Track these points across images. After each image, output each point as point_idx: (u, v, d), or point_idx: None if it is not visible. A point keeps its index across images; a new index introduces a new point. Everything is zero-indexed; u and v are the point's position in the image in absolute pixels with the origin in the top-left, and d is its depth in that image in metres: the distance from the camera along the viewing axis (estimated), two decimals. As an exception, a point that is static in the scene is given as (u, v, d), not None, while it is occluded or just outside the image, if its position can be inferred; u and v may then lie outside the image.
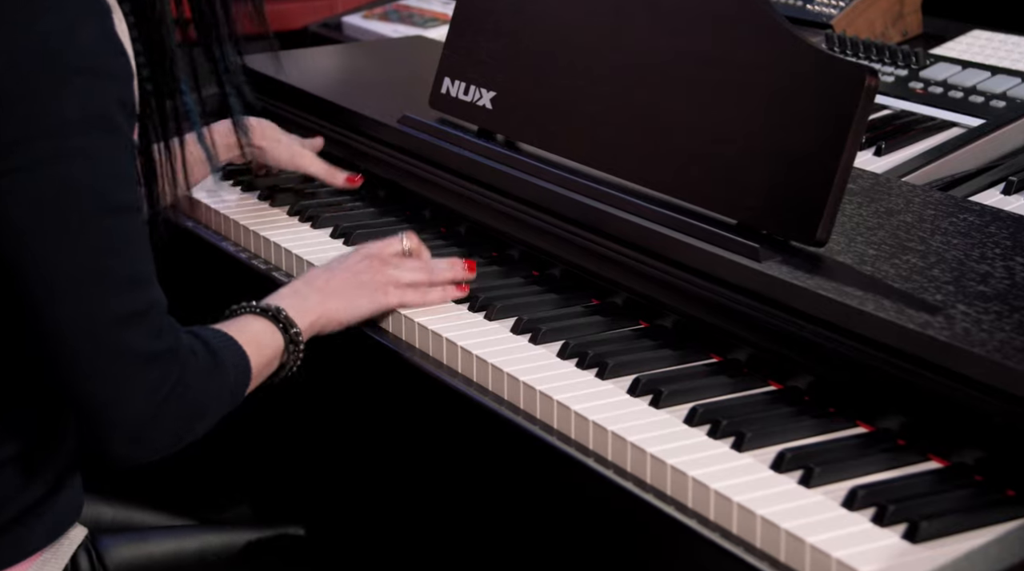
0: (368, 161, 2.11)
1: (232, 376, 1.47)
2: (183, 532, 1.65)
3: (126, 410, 1.33)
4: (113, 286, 1.31)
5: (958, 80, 2.11)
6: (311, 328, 1.63)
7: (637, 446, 1.37)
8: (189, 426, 1.40)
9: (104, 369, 1.31)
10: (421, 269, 1.71)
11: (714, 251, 1.55)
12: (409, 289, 1.70)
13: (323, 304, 1.65)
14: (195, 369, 1.40)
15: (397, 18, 2.95)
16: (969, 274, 1.46)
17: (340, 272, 1.69)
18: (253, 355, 1.53)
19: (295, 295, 1.65)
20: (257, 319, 1.59)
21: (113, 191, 1.31)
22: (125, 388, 1.32)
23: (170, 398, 1.35)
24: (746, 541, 1.26)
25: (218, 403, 1.44)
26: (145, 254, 1.36)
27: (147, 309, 1.34)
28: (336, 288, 1.67)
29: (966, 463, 1.31)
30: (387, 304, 1.69)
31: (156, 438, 1.36)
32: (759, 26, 1.60)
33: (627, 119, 1.73)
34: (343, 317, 1.67)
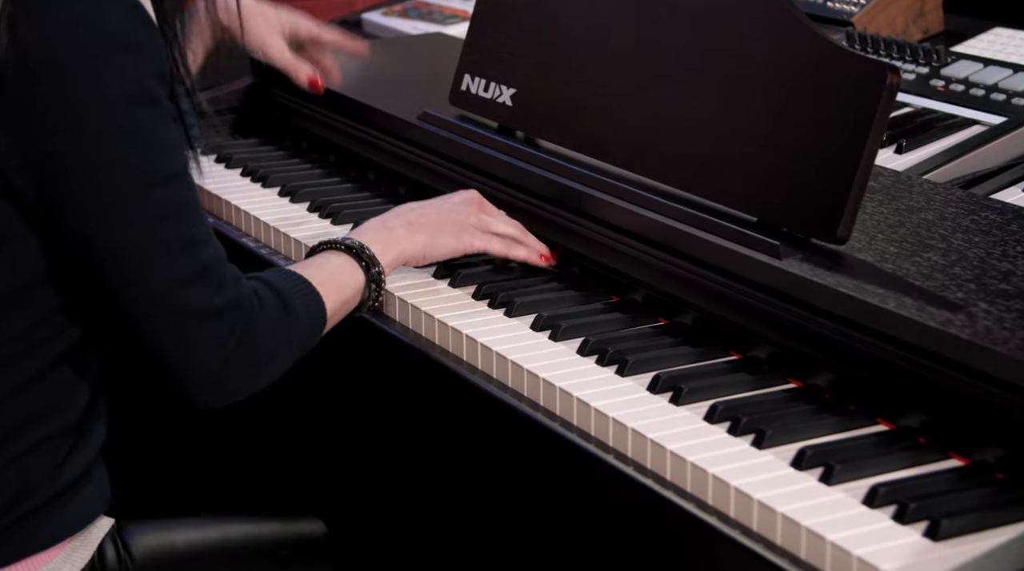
0: (388, 158, 2.11)
1: (304, 318, 1.52)
2: (206, 523, 1.67)
3: (196, 363, 1.40)
4: (171, 251, 1.37)
5: (979, 78, 2.10)
6: (394, 263, 1.68)
7: (657, 443, 1.37)
8: (260, 369, 1.46)
9: (171, 328, 1.38)
10: (514, 225, 1.77)
11: (734, 248, 1.55)
12: (496, 238, 1.74)
13: (408, 237, 1.69)
14: (262, 316, 1.45)
15: (417, 15, 2.95)
16: (991, 272, 1.46)
17: (432, 207, 1.74)
18: (331, 294, 1.57)
19: (382, 228, 1.70)
20: (338, 255, 1.64)
21: (161, 162, 1.37)
22: (192, 343, 1.39)
23: (238, 347, 1.42)
24: (767, 538, 1.25)
25: (288, 346, 1.49)
26: (198, 215, 1.41)
27: (205, 267, 1.40)
28: (425, 223, 1.71)
29: (987, 461, 1.31)
30: (471, 246, 1.73)
31: (230, 383, 1.43)
32: (780, 23, 1.59)
33: (647, 116, 1.73)
34: (426, 252, 1.71)
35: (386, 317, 1.74)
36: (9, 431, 1.40)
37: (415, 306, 1.70)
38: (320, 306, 1.56)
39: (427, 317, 1.68)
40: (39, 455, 1.42)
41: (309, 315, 1.54)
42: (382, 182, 2.14)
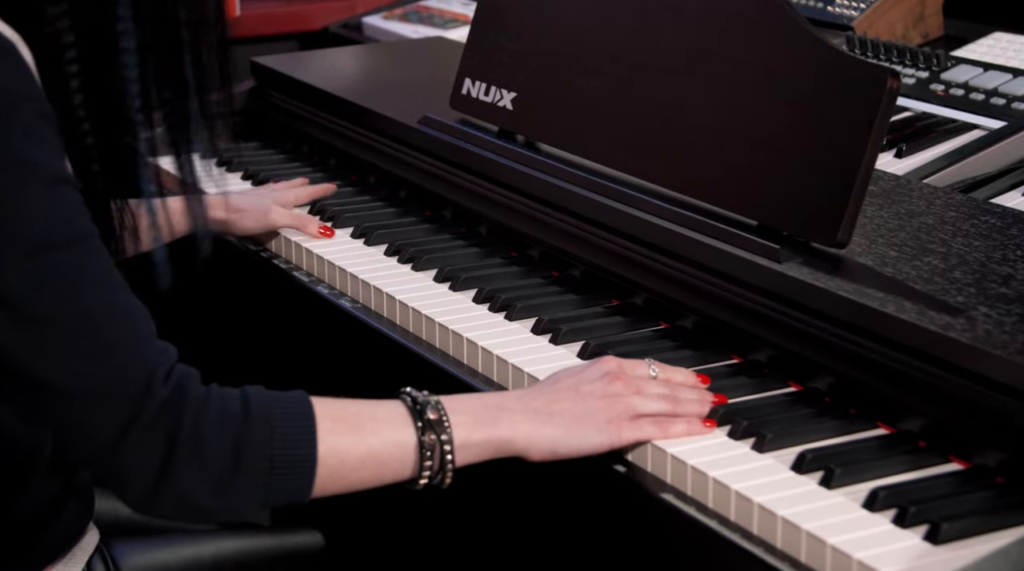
0: (388, 161, 2.12)
1: (270, 436, 1.25)
2: (199, 538, 1.64)
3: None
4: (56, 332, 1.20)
5: (979, 82, 2.11)
6: (487, 447, 1.34)
7: (657, 446, 1.37)
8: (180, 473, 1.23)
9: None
10: (665, 397, 1.41)
11: (734, 252, 1.55)
12: (648, 422, 1.39)
13: (524, 425, 1.35)
14: (190, 411, 1.23)
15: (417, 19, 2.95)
16: (991, 276, 1.46)
17: (568, 390, 1.40)
18: (342, 433, 1.28)
19: (490, 404, 1.36)
20: (393, 405, 1.33)
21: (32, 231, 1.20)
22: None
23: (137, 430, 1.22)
24: (767, 542, 1.26)
25: (237, 466, 1.24)
26: (93, 288, 1.23)
27: (99, 350, 1.22)
28: (559, 411, 1.37)
29: (987, 465, 1.31)
30: (620, 441, 1.38)
31: (143, 479, 1.23)
32: (780, 27, 1.60)
33: (647, 120, 1.73)
34: (555, 447, 1.36)
35: (385, 320, 1.74)
36: None
37: (416, 309, 1.70)
38: (306, 434, 1.26)
39: (428, 320, 1.68)
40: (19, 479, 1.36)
41: (285, 450, 1.25)
42: (383, 185, 2.14)
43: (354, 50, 2.71)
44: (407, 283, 1.78)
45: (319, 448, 1.27)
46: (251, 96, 2.45)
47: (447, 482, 1.33)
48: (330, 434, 1.27)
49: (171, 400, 1.23)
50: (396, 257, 1.87)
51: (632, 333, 1.62)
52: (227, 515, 1.28)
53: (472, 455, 1.34)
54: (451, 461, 1.32)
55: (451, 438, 1.31)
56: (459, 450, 1.32)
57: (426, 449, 1.31)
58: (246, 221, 1.92)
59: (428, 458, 1.31)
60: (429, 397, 1.34)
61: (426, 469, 1.31)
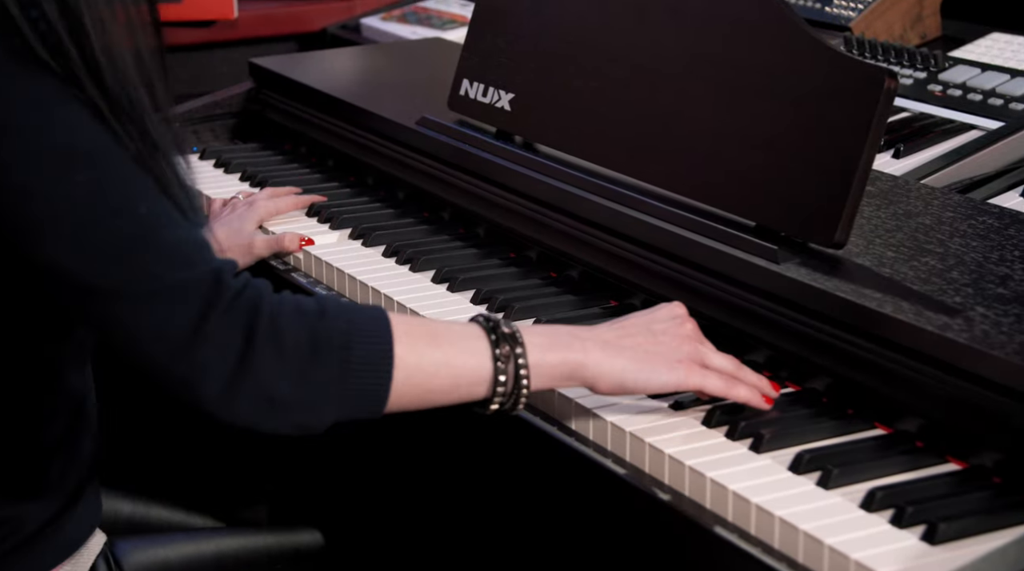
0: (387, 162, 2.12)
1: (349, 343, 1.24)
2: (200, 536, 1.65)
3: (159, 346, 1.22)
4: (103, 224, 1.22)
5: (977, 83, 2.11)
6: (562, 371, 1.35)
7: (655, 447, 1.37)
8: (272, 374, 1.23)
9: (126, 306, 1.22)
10: (730, 358, 1.43)
11: (732, 253, 1.55)
12: (714, 374, 1.40)
13: (596, 353, 1.36)
14: (269, 308, 1.23)
15: (415, 20, 2.96)
16: (988, 276, 1.46)
17: (638, 327, 1.41)
18: (419, 345, 1.28)
19: (562, 330, 1.38)
20: (467, 325, 1.34)
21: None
22: (152, 324, 1.22)
23: (221, 330, 1.22)
24: (764, 542, 1.26)
25: (313, 366, 1.24)
26: (142, 196, 1.24)
27: (163, 245, 1.23)
28: (629, 345, 1.38)
29: (984, 465, 1.31)
30: (686, 382, 1.38)
31: (221, 374, 1.22)
32: (778, 28, 1.60)
33: (646, 121, 1.73)
34: (624, 378, 1.37)
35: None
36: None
37: (414, 310, 1.70)
38: (383, 332, 1.26)
39: (426, 321, 1.68)
40: (29, 482, 1.37)
41: (361, 345, 1.25)
42: (381, 187, 2.14)
43: (352, 51, 2.71)
44: (405, 284, 1.78)
45: (396, 347, 1.27)
46: (249, 97, 2.45)
47: (521, 405, 1.34)
48: (406, 336, 1.28)
49: (245, 291, 1.24)
50: (394, 258, 1.87)
51: (630, 334, 1.62)
52: (307, 414, 1.25)
53: (546, 376, 1.34)
54: (526, 376, 1.32)
55: (525, 352, 1.32)
56: (534, 368, 1.33)
57: (500, 362, 1.31)
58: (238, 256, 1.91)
59: (502, 371, 1.32)
60: (496, 317, 1.35)
61: (500, 385, 1.32)
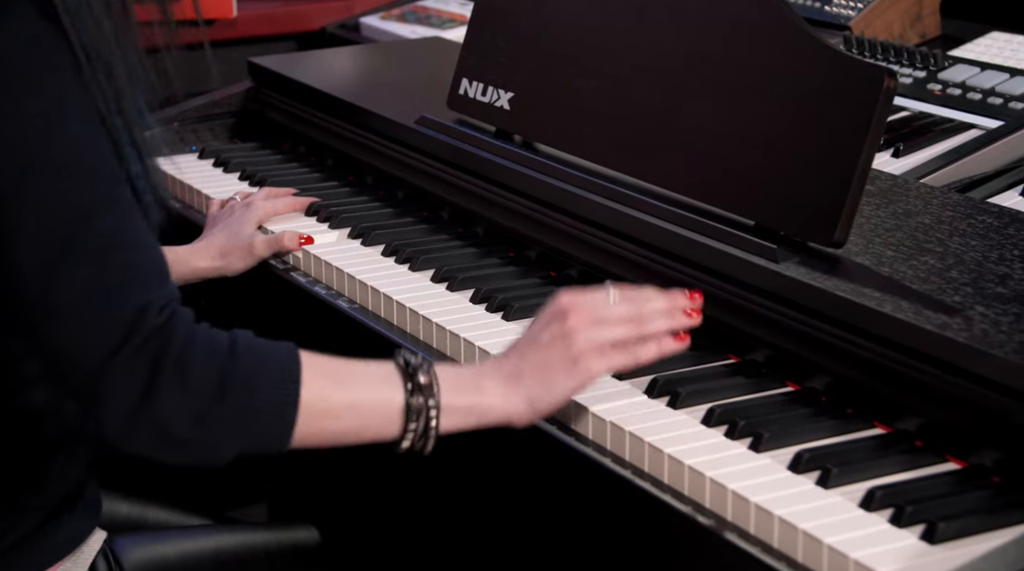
0: (386, 161, 2.12)
1: (254, 378, 1.26)
2: (198, 533, 1.65)
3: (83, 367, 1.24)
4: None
5: (977, 82, 2.11)
6: (470, 415, 1.35)
7: (655, 446, 1.37)
8: (165, 408, 1.24)
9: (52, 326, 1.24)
10: (628, 320, 1.39)
11: (732, 252, 1.55)
12: (615, 352, 1.39)
13: (503, 393, 1.36)
14: (177, 341, 1.24)
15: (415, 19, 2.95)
16: (987, 276, 1.46)
17: (528, 345, 1.39)
18: (326, 386, 1.29)
19: (471, 373, 1.37)
20: (383, 364, 1.34)
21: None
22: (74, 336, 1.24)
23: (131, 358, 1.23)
24: (764, 541, 1.26)
25: (213, 404, 1.25)
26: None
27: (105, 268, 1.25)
28: (526, 369, 1.37)
29: (984, 464, 1.31)
30: (591, 375, 1.38)
31: (121, 405, 1.23)
32: (778, 27, 1.60)
33: (645, 120, 1.73)
34: (536, 407, 1.37)
35: (383, 320, 1.74)
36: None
37: (413, 309, 1.70)
38: (290, 376, 1.27)
39: (425, 321, 1.68)
40: (28, 479, 1.38)
41: (266, 389, 1.26)
42: (380, 186, 2.14)
43: (351, 50, 2.71)
44: (404, 283, 1.78)
45: (302, 391, 1.28)
46: (248, 96, 2.45)
47: (429, 448, 1.34)
48: (314, 380, 1.28)
49: (161, 328, 1.24)
50: (393, 257, 1.87)
51: (629, 333, 1.62)
52: (203, 451, 1.26)
53: (456, 421, 1.35)
54: (435, 427, 1.33)
55: (438, 403, 1.33)
56: (444, 414, 1.34)
57: (413, 411, 1.32)
58: (235, 263, 1.92)
59: (413, 420, 1.32)
60: (422, 360, 1.34)
61: (410, 431, 1.33)
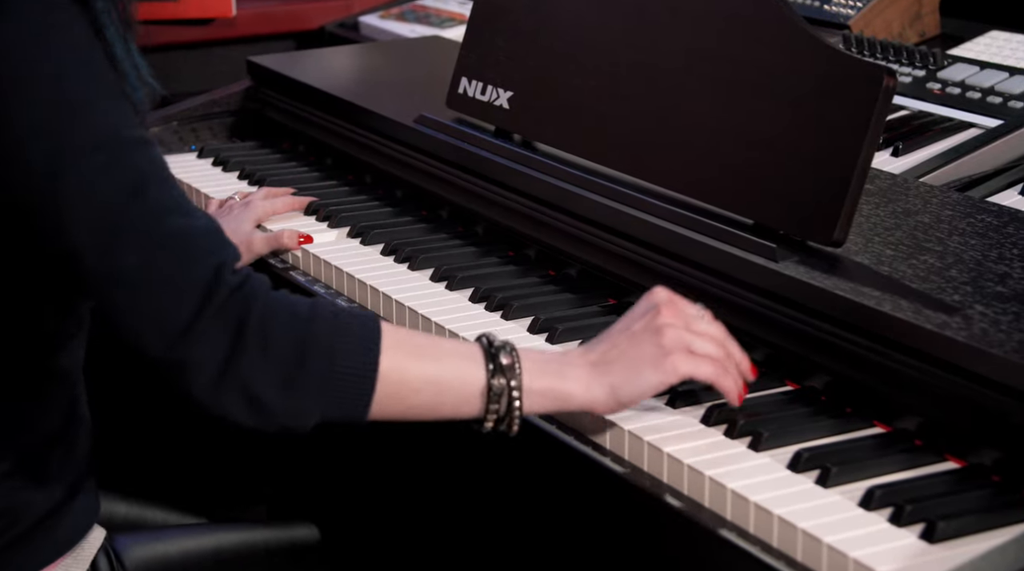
0: (385, 161, 2.11)
1: (334, 346, 1.27)
2: (199, 531, 1.66)
3: (156, 338, 1.25)
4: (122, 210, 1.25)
5: (976, 81, 2.10)
6: (550, 397, 1.35)
7: (654, 445, 1.37)
8: (255, 370, 1.25)
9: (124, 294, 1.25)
10: (718, 341, 1.39)
11: (731, 251, 1.55)
12: (704, 360, 1.37)
13: (586, 380, 1.36)
14: (257, 303, 1.25)
15: (414, 18, 2.95)
16: (987, 275, 1.46)
17: (621, 334, 1.38)
18: (405, 359, 1.29)
19: (556, 357, 1.37)
20: (467, 344, 1.36)
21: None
22: (152, 312, 1.25)
23: (213, 322, 1.24)
24: (763, 541, 1.26)
25: (298, 365, 1.26)
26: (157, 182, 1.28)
27: (168, 235, 1.26)
28: (615, 358, 1.37)
29: (983, 463, 1.31)
30: (677, 373, 1.36)
31: (207, 371, 1.24)
32: (777, 26, 1.59)
33: (644, 119, 1.73)
34: (619, 396, 1.36)
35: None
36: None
37: (412, 308, 1.69)
38: (370, 344, 1.28)
39: (424, 320, 1.67)
40: (27, 475, 1.38)
41: (347, 355, 1.27)
42: (379, 185, 2.14)
43: (351, 49, 2.71)
44: (403, 282, 1.78)
45: (381, 360, 1.29)
46: (247, 96, 2.45)
47: (514, 429, 1.35)
48: (394, 350, 1.29)
49: (241, 289, 1.26)
50: (393, 256, 1.87)
51: (628, 332, 1.62)
52: (292, 419, 1.27)
53: (538, 404, 1.35)
54: (519, 408, 1.34)
55: (520, 384, 1.33)
56: (526, 396, 1.34)
57: (495, 392, 1.33)
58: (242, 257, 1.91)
59: (495, 400, 1.33)
60: (505, 342, 1.35)
61: (492, 412, 1.33)
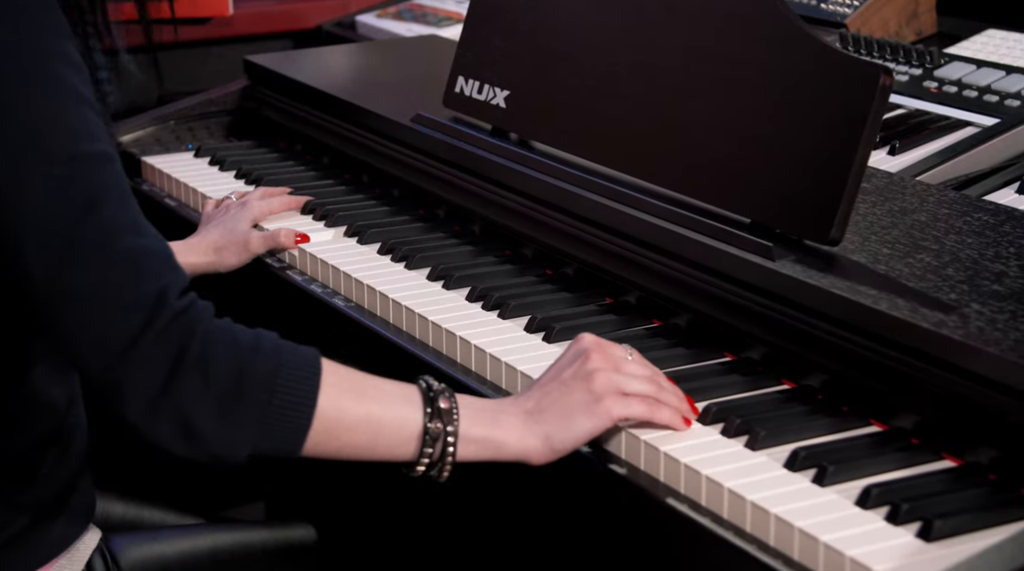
0: (382, 160, 2.11)
1: (272, 378, 1.26)
2: (195, 531, 1.65)
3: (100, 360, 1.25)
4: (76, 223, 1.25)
5: (972, 79, 2.11)
6: (486, 446, 1.35)
7: (650, 444, 1.37)
8: (189, 397, 1.24)
9: (72, 311, 1.25)
10: (647, 379, 1.39)
11: (728, 250, 1.55)
12: (635, 400, 1.37)
13: (520, 429, 1.35)
14: (200, 330, 1.25)
15: (411, 17, 2.95)
16: (983, 273, 1.46)
17: (552, 382, 1.39)
18: (345, 398, 1.30)
19: (493, 407, 1.37)
20: (406, 386, 1.35)
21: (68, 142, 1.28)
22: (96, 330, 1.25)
23: (154, 350, 1.24)
24: (760, 539, 1.26)
25: (235, 399, 1.25)
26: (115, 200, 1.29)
27: (119, 254, 1.27)
28: (548, 406, 1.37)
29: (980, 462, 1.31)
30: (611, 418, 1.36)
31: (142, 397, 1.24)
32: (774, 25, 1.59)
33: (641, 118, 1.73)
34: (554, 445, 1.36)
35: (379, 318, 1.74)
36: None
37: (409, 308, 1.70)
38: (309, 380, 1.28)
39: (421, 319, 1.68)
40: (21, 474, 1.38)
41: (285, 391, 1.27)
42: (376, 184, 2.14)
43: (347, 48, 2.71)
44: (400, 281, 1.78)
45: (320, 397, 1.28)
46: (244, 95, 2.45)
47: (445, 475, 1.34)
48: (333, 388, 1.29)
49: (184, 314, 1.26)
50: (389, 256, 1.87)
51: (625, 331, 1.62)
52: (224, 448, 1.27)
53: (471, 451, 1.34)
54: (452, 453, 1.33)
55: (456, 430, 1.33)
56: (461, 442, 1.33)
57: (430, 436, 1.32)
58: (229, 258, 1.92)
59: (429, 444, 1.33)
60: (444, 387, 1.35)
61: (425, 456, 1.33)
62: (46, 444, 1.40)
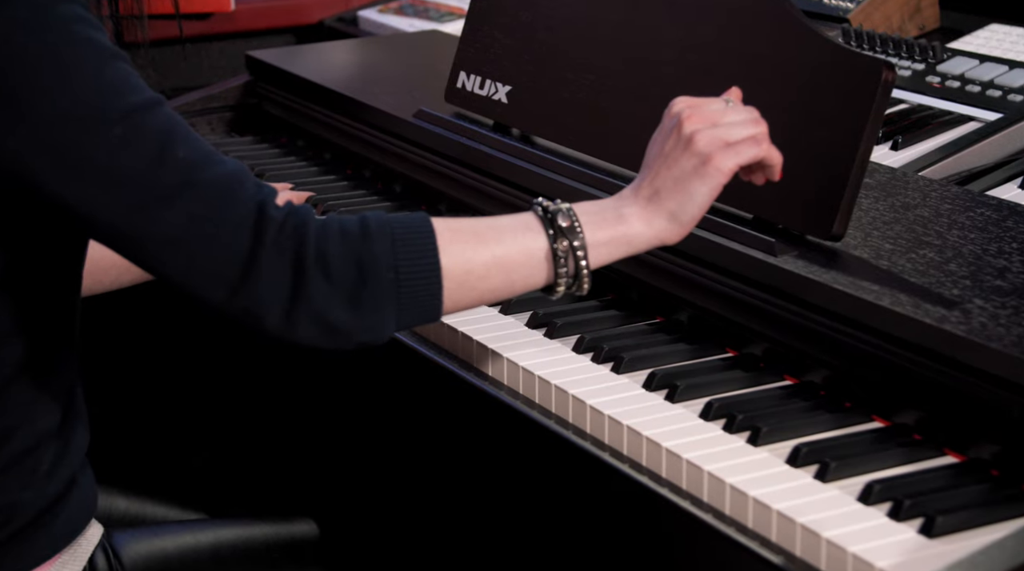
0: (383, 155, 2.11)
1: (391, 248, 1.28)
2: (197, 526, 1.65)
3: (206, 279, 1.26)
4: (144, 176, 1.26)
5: (975, 74, 2.10)
6: (616, 245, 1.36)
7: (653, 440, 1.37)
8: (325, 294, 1.26)
9: (163, 247, 1.26)
10: (751, 122, 1.39)
11: (730, 245, 1.54)
12: (743, 145, 1.37)
13: (645, 218, 1.36)
14: (313, 234, 1.26)
15: (413, 12, 2.95)
16: (986, 269, 1.46)
17: (656, 161, 1.38)
18: (465, 243, 1.31)
19: (610, 205, 1.38)
20: (523, 215, 1.36)
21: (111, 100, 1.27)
22: (191, 257, 1.26)
23: (275, 256, 1.25)
24: (762, 535, 1.25)
25: (362, 273, 1.27)
26: (180, 140, 1.28)
27: (196, 182, 1.26)
28: (664, 187, 1.37)
29: (982, 458, 1.31)
30: (725, 173, 1.36)
31: (275, 298, 1.25)
32: (776, 20, 1.59)
33: (642, 113, 1.72)
34: (683, 219, 1.37)
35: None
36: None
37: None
38: (426, 244, 1.29)
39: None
40: (24, 470, 1.38)
41: (407, 263, 1.28)
42: (378, 179, 2.14)
43: (349, 44, 2.71)
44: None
45: (442, 257, 1.30)
46: (246, 90, 2.45)
47: (585, 286, 1.36)
48: (451, 244, 1.30)
49: (289, 220, 1.27)
50: (391, 251, 1.86)
51: (627, 327, 1.62)
52: (368, 334, 1.29)
53: (604, 254, 1.36)
54: (586, 265, 1.35)
55: (584, 242, 1.34)
56: (591, 250, 1.35)
57: (560, 256, 1.34)
58: None
59: (563, 264, 1.34)
60: (560, 205, 1.35)
61: (562, 276, 1.35)
62: (48, 439, 1.40)
